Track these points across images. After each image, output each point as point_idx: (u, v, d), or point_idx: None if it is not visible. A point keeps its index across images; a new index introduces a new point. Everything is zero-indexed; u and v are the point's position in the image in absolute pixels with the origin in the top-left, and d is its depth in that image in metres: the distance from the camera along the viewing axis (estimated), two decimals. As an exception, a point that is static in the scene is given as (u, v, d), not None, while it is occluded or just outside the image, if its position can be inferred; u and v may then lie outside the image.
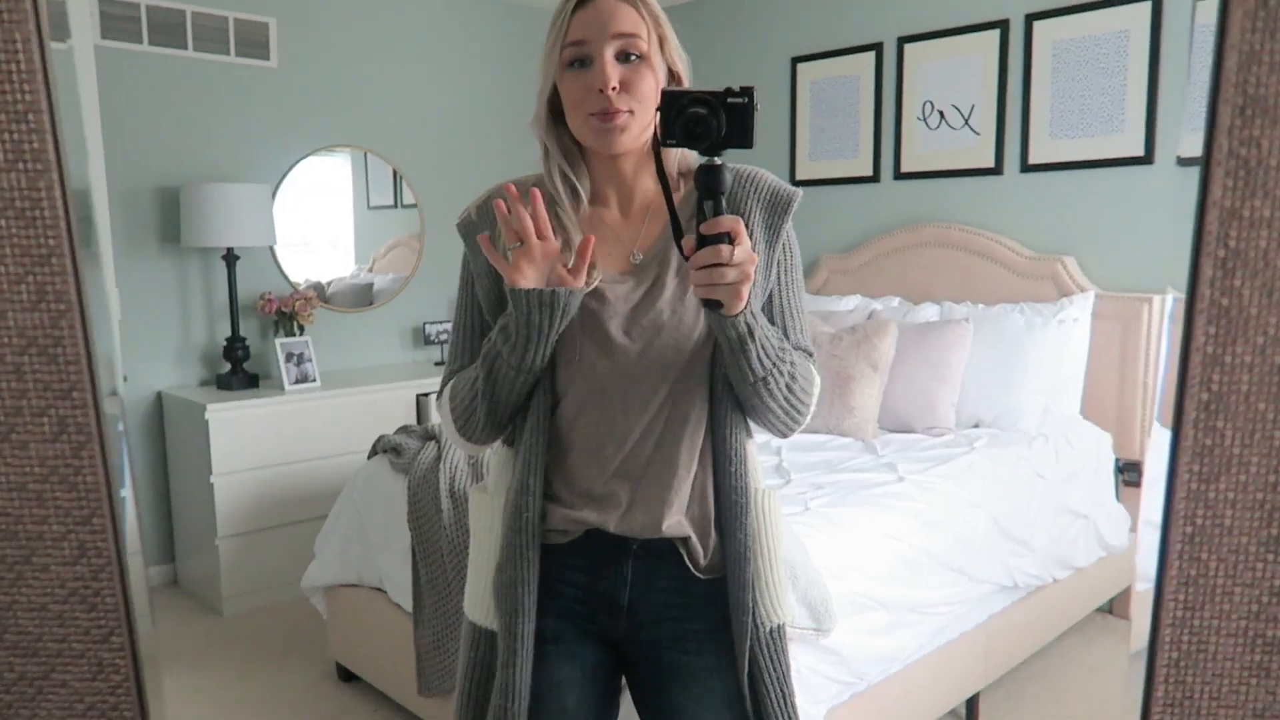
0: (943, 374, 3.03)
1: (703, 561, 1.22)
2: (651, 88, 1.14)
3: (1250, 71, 0.52)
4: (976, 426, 3.07)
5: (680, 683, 1.22)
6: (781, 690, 1.21)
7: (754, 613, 1.19)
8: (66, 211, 0.64)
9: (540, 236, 1.08)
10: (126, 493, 0.73)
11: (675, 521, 1.19)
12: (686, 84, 1.19)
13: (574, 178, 1.21)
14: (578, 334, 1.17)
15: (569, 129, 1.19)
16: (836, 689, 2.02)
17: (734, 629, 1.19)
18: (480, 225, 1.21)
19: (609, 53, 1.13)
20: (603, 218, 1.24)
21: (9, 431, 0.68)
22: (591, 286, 1.15)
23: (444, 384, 1.29)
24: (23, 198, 0.63)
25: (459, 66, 4.20)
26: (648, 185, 1.24)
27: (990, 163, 3.53)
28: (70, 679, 0.76)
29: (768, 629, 1.21)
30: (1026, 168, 3.44)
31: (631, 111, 1.14)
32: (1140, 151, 3.14)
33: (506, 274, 1.10)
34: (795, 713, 1.23)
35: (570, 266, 1.10)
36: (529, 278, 1.09)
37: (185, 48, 3.44)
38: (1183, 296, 0.57)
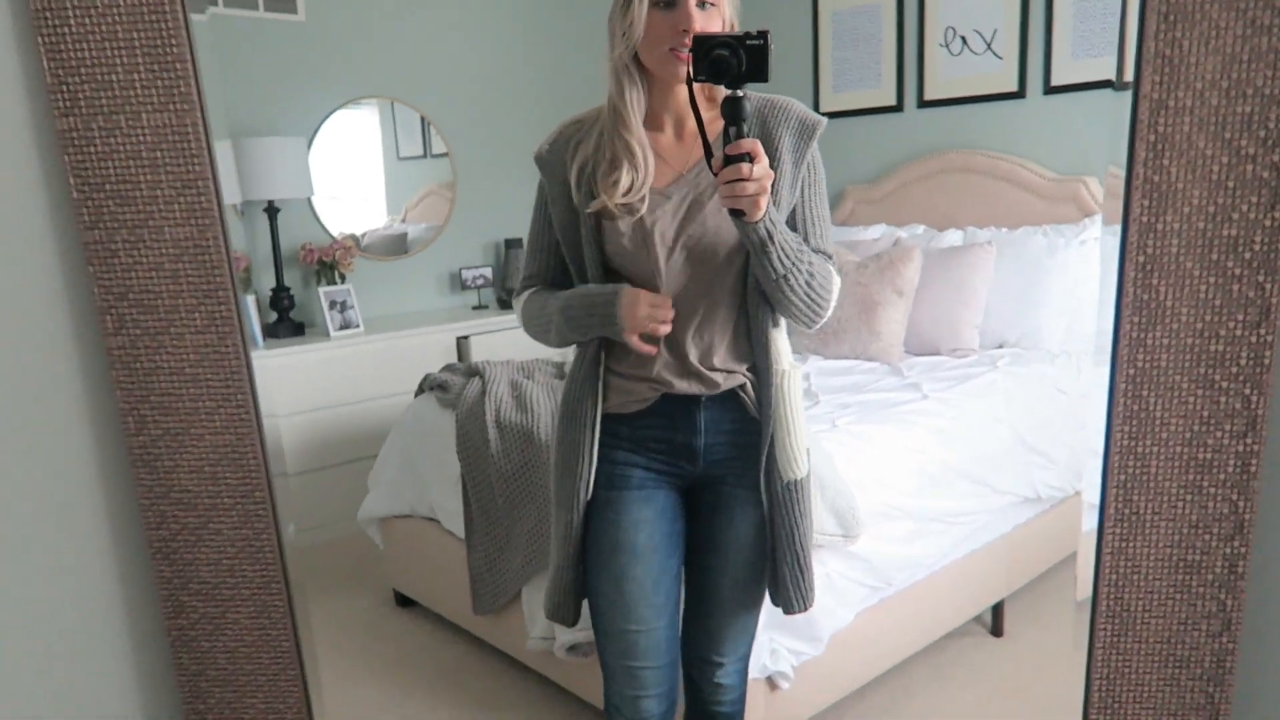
0: (966, 297, 3.10)
1: (756, 406, 1.46)
2: (718, 30, 1.33)
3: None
4: (1000, 347, 3.15)
5: (720, 509, 1.50)
6: (792, 531, 1.46)
7: (771, 466, 1.44)
8: (208, 144, 0.76)
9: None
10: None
11: (725, 369, 1.44)
12: (738, 29, 1.37)
13: (642, 100, 1.40)
14: (640, 240, 1.38)
15: (636, 58, 1.37)
16: (865, 593, 2.14)
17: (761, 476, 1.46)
18: (551, 159, 1.45)
19: None
20: (658, 141, 1.43)
21: (169, 325, 0.80)
22: (646, 203, 1.38)
23: (520, 288, 1.57)
24: (174, 133, 0.75)
25: (484, 10, 4.24)
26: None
27: (1013, 86, 3.54)
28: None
29: (784, 482, 1.44)
30: (1049, 90, 3.45)
31: None
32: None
33: (635, 318, 1.37)
34: (803, 554, 1.48)
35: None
36: (638, 318, 1.37)
37: (216, 4, 3.53)
38: (1120, 173, 0.66)
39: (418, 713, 2.39)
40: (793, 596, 1.50)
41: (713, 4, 1.33)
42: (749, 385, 1.46)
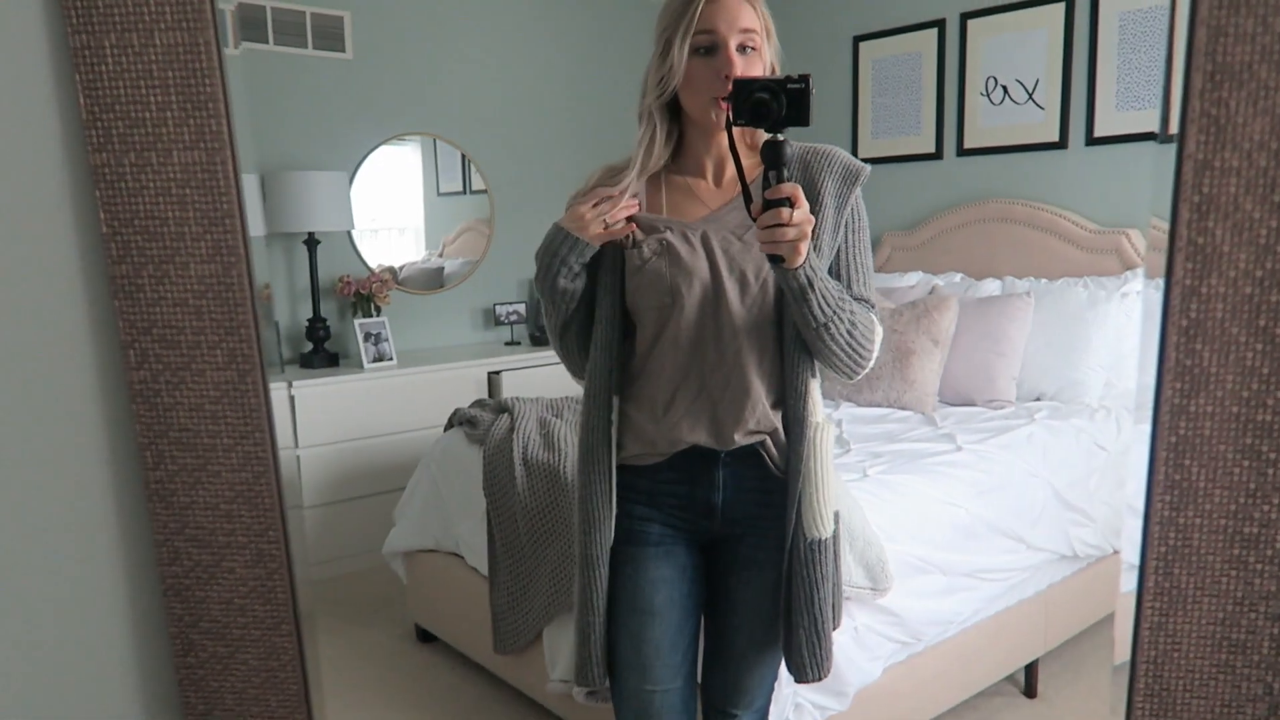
0: (1003, 348, 3.05)
1: (781, 464, 1.40)
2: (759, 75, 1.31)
3: (1218, 43, 0.58)
4: (1038, 400, 3.09)
5: (737, 569, 1.45)
6: (811, 594, 1.39)
7: (796, 524, 1.38)
8: (237, 182, 0.77)
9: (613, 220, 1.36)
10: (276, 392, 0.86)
11: (753, 430, 1.40)
12: (779, 72, 1.36)
13: (659, 145, 1.40)
14: (676, 281, 1.36)
15: (671, 105, 1.38)
16: (893, 648, 2.09)
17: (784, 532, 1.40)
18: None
19: (733, 44, 1.30)
20: (697, 188, 1.42)
21: (190, 361, 0.80)
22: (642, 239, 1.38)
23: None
24: (203, 170, 0.75)
25: (527, 51, 4.31)
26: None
27: (1054, 137, 3.51)
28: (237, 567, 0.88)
29: (808, 540, 1.39)
30: (1092, 141, 3.41)
31: None
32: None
33: (581, 218, 1.35)
34: (821, 619, 1.41)
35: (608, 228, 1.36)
36: (584, 218, 1.35)
37: (267, 42, 3.61)
38: (1164, 225, 0.63)
39: (433, 754, 2.36)
40: (806, 663, 1.43)
41: (754, 49, 1.32)
42: (769, 441, 1.41)
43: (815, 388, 1.40)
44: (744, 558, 1.46)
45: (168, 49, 0.76)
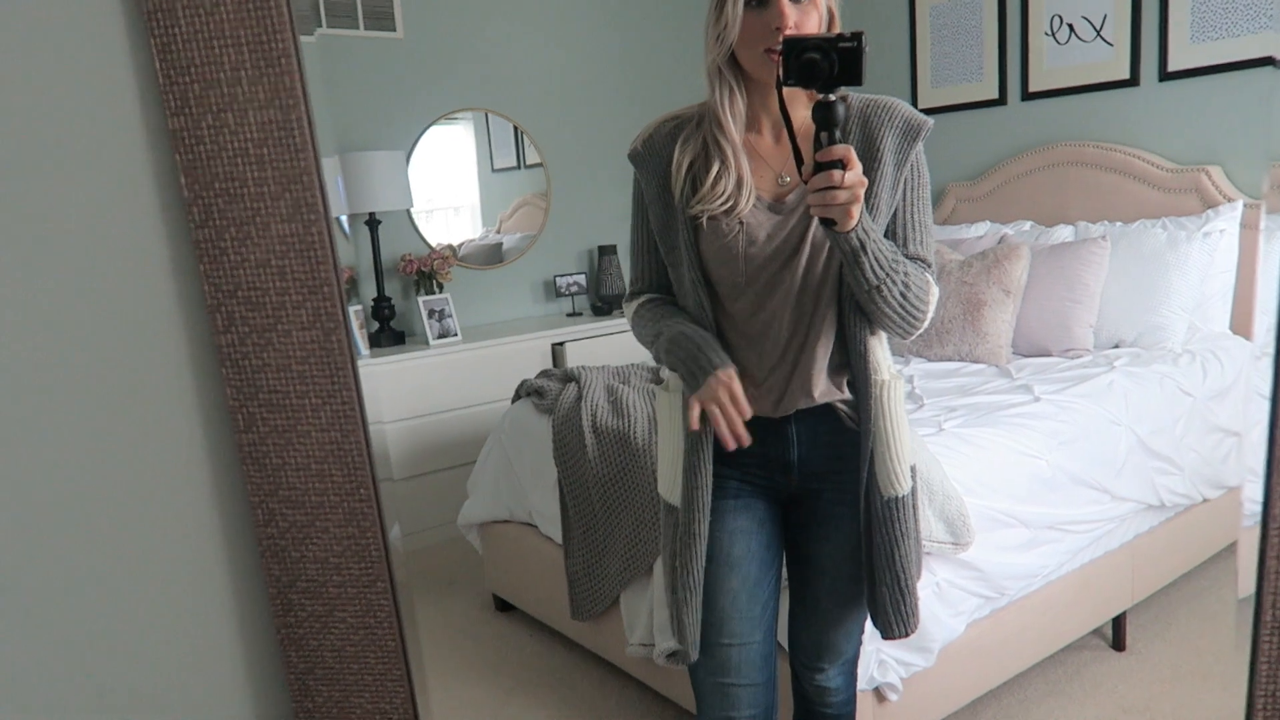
0: (1078, 295, 2.96)
1: (854, 417, 1.39)
2: (815, 25, 1.29)
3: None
4: (1116, 347, 2.99)
5: (816, 524, 1.44)
6: (891, 551, 1.38)
7: (871, 482, 1.37)
8: (313, 137, 0.77)
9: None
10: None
11: (822, 392, 1.39)
12: (839, 22, 1.32)
13: (740, 104, 1.35)
14: (740, 259, 1.34)
15: (735, 61, 1.33)
16: (976, 603, 2.05)
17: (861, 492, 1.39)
18: (647, 156, 1.41)
19: None
20: (756, 144, 1.39)
21: (275, 322, 0.81)
22: (745, 209, 1.33)
23: (630, 295, 1.54)
24: (279, 128, 0.75)
25: (576, 19, 4.27)
26: (800, 115, 1.33)
27: (1125, 74, 3.38)
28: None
29: (884, 499, 1.37)
30: (1165, 76, 3.28)
31: None
32: (1291, 49, 2.95)
33: (713, 399, 1.29)
34: (904, 575, 1.39)
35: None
36: (708, 399, 1.29)
37: (320, 25, 3.64)
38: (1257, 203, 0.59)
39: (518, 715, 2.39)
40: (893, 620, 1.42)
41: None
42: (844, 397, 1.40)
43: (876, 346, 1.38)
44: (823, 513, 1.45)
45: (238, 6, 0.76)
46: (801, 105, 1.34)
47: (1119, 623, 2.51)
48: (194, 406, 1.09)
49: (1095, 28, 3.43)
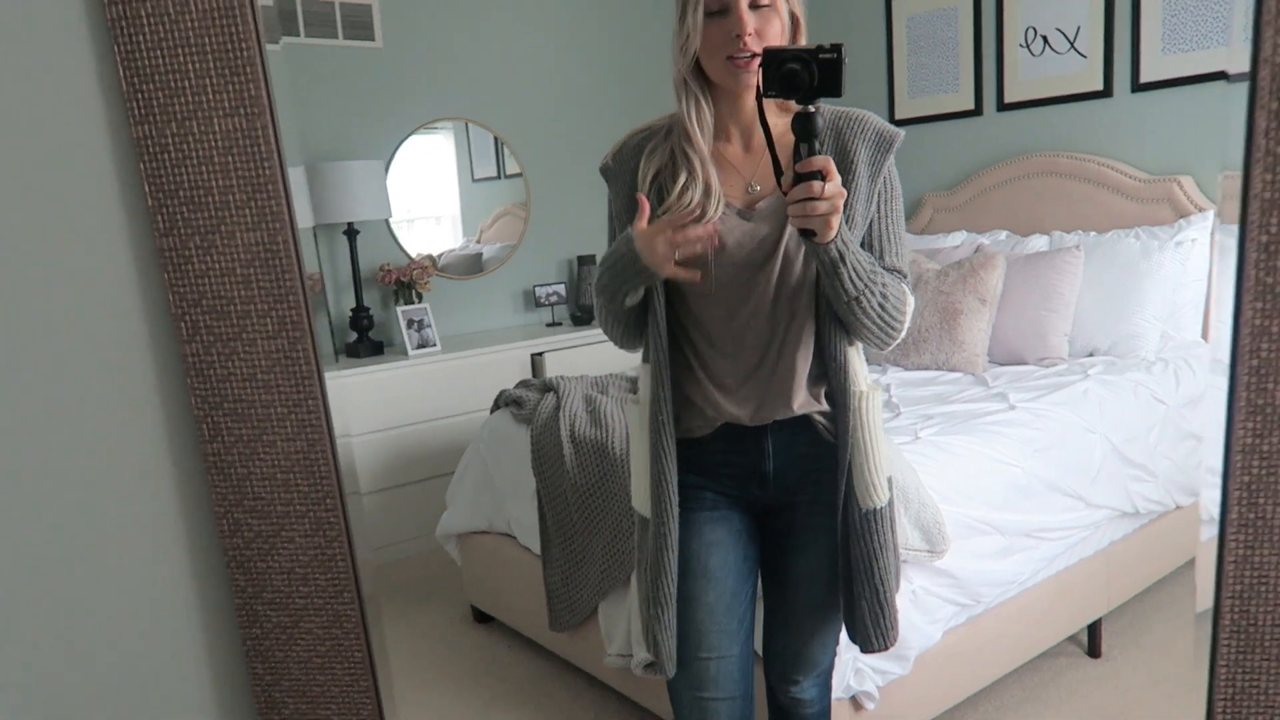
0: (1054, 304, 2.98)
1: (831, 428, 1.39)
2: (778, 32, 1.29)
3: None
4: (1091, 355, 3.02)
5: (792, 536, 1.43)
6: (870, 564, 1.37)
7: (849, 493, 1.36)
8: (278, 146, 0.76)
9: (688, 241, 1.25)
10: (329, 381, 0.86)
11: (801, 403, 1.39)
12: (804, 29, 1.33)
13: (707, 114, 1.35)
14: (710, 266, 1.33)
15: (702, 71, 1.33)
16: (953, 610, 2.06)
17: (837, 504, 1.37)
18: (617, 170, 1.40)
19: (744, 2, 1.26)
20: (725, 152, 1.38)
21: (240, 331, 0.80)
22: (712, 218, 1.31)
23: None
24: (244, 136, 0.75)
25: (556, 30, 4.28)
26: (772, 124, 1.32)
27: (1099, 85, 3.42)
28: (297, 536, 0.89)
29: (862, 511, 1.36)
30: (1138, 87, 3.32)
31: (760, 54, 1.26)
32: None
33: (654, 250, 1.25)
34: (883, 589, 1.38)
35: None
36: (657, 252, 1.25)
37: (298, 34, 3.63)
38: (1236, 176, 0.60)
39: (495, 729, 2.38)
40: (872, 634, 1.41)
41: (768, 5, 1.28)
42: (822, 409, 1.40)
43: (854, 356, 1.39)
44: (799, 525, 1.45)
45: (203, 13, 0.75)
46: (773, 114, 1.35)
47: (1094, 629, 2.52)
48: (159, 416, 1.08)
49: (1069, 39, 3.47)
